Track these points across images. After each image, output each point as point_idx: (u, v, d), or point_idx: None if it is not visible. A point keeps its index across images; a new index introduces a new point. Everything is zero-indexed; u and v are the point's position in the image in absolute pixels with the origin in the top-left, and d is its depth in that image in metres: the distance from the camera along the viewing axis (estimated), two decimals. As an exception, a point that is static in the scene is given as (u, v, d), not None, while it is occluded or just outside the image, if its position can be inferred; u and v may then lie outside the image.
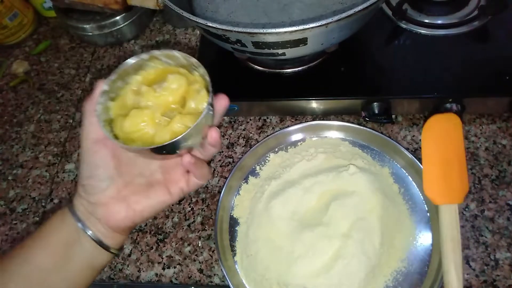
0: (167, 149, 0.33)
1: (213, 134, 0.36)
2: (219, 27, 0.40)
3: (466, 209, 0.47)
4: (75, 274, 0.37)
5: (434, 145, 0.42)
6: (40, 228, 0.38)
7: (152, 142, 0.34)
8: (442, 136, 0.43)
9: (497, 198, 0.47)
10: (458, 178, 0.41)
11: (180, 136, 0.32)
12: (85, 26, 0.67)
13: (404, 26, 0.56)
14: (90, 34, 0.68)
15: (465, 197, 0.40)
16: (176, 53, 0.36)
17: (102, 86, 0.35)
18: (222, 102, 0.36)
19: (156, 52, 0.36)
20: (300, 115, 0.57)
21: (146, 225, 0.53)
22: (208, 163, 0.39)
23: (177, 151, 0.35)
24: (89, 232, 0.36)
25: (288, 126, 0.54)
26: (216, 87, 0.56)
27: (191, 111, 0.35)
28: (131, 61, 0.35)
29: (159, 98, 0.35)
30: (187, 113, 0.34)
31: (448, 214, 0.40)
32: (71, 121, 0.64)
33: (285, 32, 0.38)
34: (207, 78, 0.35)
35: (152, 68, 0.37)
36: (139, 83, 0.36)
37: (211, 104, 0.34)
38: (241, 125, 0.58)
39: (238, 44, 0.43)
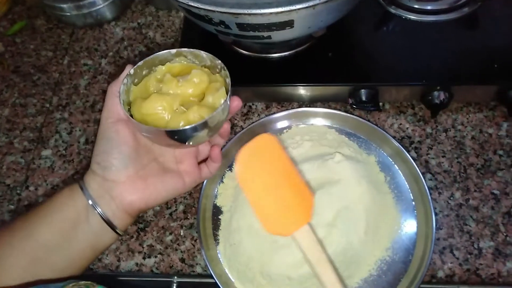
0: (179, 135, 0.35)
1: (225, 126, 0.39)
2: (201, 6, 0.38)
3: (451, 198, 0.47)
4: (77, 253, 0.37)
5: (254, 178, 0.35)
6: (45, 204, 0.37)
7: (166, 126, 0.35)
8: (259, 164, 0.35)
9: (482, 187, 0.47)
10: (296, 198, 0.35)
11: (195, 125, 0.34)
12: (62, 5, 0.64)
13: (393, 11, 0.54)
14: (68, 14, 0.65)
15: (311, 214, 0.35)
16: (203, 54, 0.39)
17: (128, 69, 0.37)
18: (236, 103, 0.39)
19: (183, 50, 0.39)
20: (286, 102, 0.56)
21: (126, 213, 0.51)
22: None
23: (187, 141, 0.36)
24: (99, 210, 0.36)
25: (274, 113, 0.53)
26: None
27: (208, 105, 0.36)
28: (159, 53, 0.38)
29: (180, 89, 0.37)
30: (203, 107, 0.36)
31: (303, 238, 0.34)
32: (48, 105, 0.61)
33: (270, 13, 0.36)
34: (228, 79, 0.37)
35: (177, 63, 0.39)
36: (164, 72, 0.38)
37: (227, 102, 0.36)
38: (225, 112, 0.56)
39: (221, 25, 0.41)
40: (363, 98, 0.50)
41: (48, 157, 0.57)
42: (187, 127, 0.34)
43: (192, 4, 0.38)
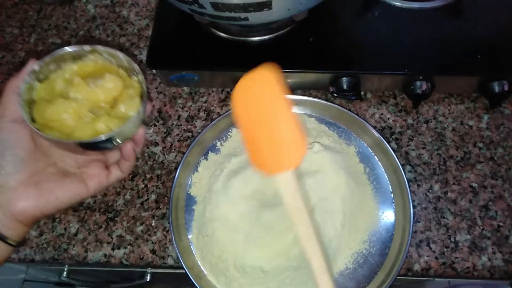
0: (85, 146, 0.33)
1: (140, 131, 0.36)
2: (172, -17, 0.35)
3: (430, 191, 0.46)
4: None
5: (249, 113, 0.33)
6: None
7: (71, 135, 0.33)
8: (257, 100, 0.33)
9: (460, 180, 0.47)
10: (287, 141, 0.32)
11: (101, 137, 0.32)
12: (29, -21, 0.60)
13: (378, -4, 0.52)
14: (35, -12, 0.61)
15: (302, 159, 0.32)
16: (120, 55, 0.35)
17: (32, 65, 0.34)
18: (148, 108, 0.36)
19: (99, 47, 0.35)
20: (265, 88, 0.53)
21: (95, 202, 0.48)
22: None
23: (94, 150, 0.34)
24: None
25: (253, 100, 0.50)
26: (176, 54, 0.51)
27: (119, 115, 0.34)
28: (70, 48, 0.35)
29: (90, 94, 0.34)
30: (114, 116, 0.33)
31: (283, 184, 0.32)
32: (12, 86, 0.57)
33: (247, -8, 0.34)
34: (144, 86, 0.35)
35: (91, 61, 0.36)
36: (74, 72, 0.35)
37: (142, 112, 0.34)
38: (202, 97, 0.53)
39: (195, 4, 0.38)
40: (345, 87, 0.48)
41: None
42: (93, 140, 0.31)
43: (163, -21, 0.35)
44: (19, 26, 0.63)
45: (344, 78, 0.48)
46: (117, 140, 0.34)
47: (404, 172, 0.44)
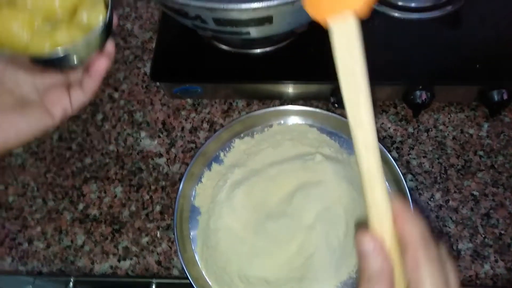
0: (44, 63, 0.29)
1: (109, 46, 0.32)
2: (175, 0, 0.36)
3: (431, 199, 0.47)
4: None
5: None
6: None
7: (25, 49, 0.28)
8: None
9: (462, 188, 0.47)
10: None
11: (63, 50, 0.27)
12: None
13: (376, 8, 0.53)
14: None
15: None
16: None
17: None
18: (114, 19, 0.31)
19: None
20: (267, 100, 0.54)
21: (101, 214, 0.49)
22: None
23: (56, 67, 0.30)
24: None
25: (255, 111, 0.51)
26: (179, 67, 0.52)
27: (81, 24, 0.29)
28: None
29: (42, 1, 0.29)
30: (75, 26, 0.29)
31: (339, 34, 0.23)
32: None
33: (248, 9, 0.35)
34: None
35: None
36: None
37: (108, 22, 0.29)
38: (205, 108, 0.54)
39: (198, 20, 0.39)
40: (345, 97, 0.49)
41: (19, 155, 0.54)
42: (55, 54, 0.27)
43: (167, -3, 0.36)
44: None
45: (344, 88, 0.49)
46: (82, 55, 0.29)
47: (406, 181, 0.45)
